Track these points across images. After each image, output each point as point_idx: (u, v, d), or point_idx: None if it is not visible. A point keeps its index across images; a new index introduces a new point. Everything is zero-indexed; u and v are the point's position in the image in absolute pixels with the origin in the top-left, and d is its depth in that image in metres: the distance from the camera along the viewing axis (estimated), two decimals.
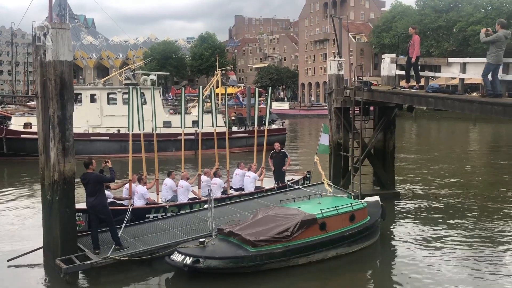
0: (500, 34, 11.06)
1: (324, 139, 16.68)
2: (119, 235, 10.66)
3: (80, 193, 12.54)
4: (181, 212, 13.26)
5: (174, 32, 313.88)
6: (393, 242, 12.57)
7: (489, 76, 11.41)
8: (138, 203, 13.01)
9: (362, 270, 10.95)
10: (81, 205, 11.94)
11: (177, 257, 9.82)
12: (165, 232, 11.57)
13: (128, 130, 12.98)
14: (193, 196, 14.16)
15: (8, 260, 10.83)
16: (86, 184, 10.47)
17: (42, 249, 10.96)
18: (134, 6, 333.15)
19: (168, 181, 14.08)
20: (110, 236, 10.59)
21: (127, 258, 10.10)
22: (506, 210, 15.69)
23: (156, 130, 14.04)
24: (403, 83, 15.78)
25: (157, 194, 13.97)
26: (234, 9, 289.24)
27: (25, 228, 13.98)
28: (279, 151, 16.57)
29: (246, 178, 15.42)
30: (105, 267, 10.02)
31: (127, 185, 12.93)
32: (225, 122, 17.92)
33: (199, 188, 14.42)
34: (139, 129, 12.96)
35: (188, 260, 9.60)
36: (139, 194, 13.05)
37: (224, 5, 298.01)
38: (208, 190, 11.62)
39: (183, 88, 16.47)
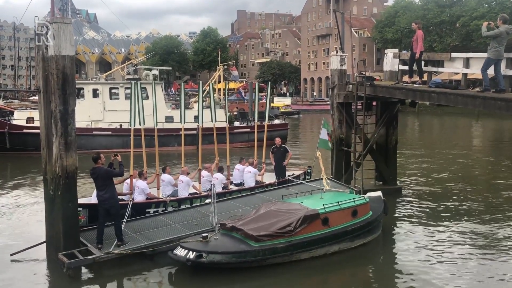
0: (502, 30, 11.06)
1: (324, 134, 16.67)
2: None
3: (80, 188, 12.55)
4: (182, 207, 13.28)
5: (179, 27, 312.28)
6: (395, 237, 12.57)
7: (492, 72, 11.40)
8: (139, 198, 13.04)
9: (364, 265, 10.96)
10: (81, 200, 11.95)
11: (180, 252, 9.83)
12: (167, 227, 11.59)
13: (130, 125, 13.00)
14: (194, 191, 14.18)
15: (11, 255, 10.85)
16: (95, 179, 10.49)
17: (44, 244, 10.99)
18: (140, 1, 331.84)
19: (165, 176, 14.08)
20: (114, 231, 10.59)
21: (130, 252, 10.14)
22: (509, 205, 15.66)
23: (157, 125, 14.04)
24: (405, 78, 15.73)
25: (158, 189, 14.00)
26: (239, 3, 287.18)
27: (28, 222, 14.01)
28: (280, 146, 16.55)
29: (246, 174, 15.41)
30: (107, 262, 10.05)
31: (127, 180, 12.93)
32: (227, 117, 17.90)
33: (200, 183, 14.44)
34: (140, 124, 12.98)
35: (191, 255, 9.61)
36: (140, 189, 13.07)
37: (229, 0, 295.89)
38: (211, 185, 11.61)
39: (182, 83, 16.50)
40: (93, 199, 12.51)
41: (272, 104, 69.47)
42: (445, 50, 64.16)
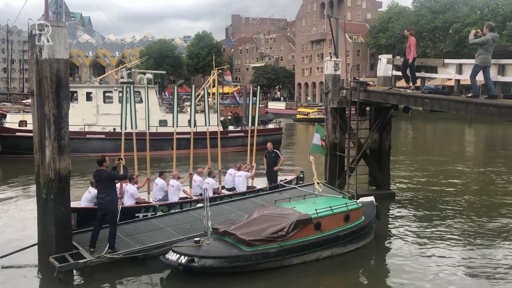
0: (489, 37, 11.27)
1: (317, 139, 16.73)
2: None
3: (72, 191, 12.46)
4: (171, 211, 13.24)
5: (179, 31, 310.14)
6: (387, 243, 12.59)
7: (482, 79, 11.55)
8: (128, 202, 13.00)
9: (356, 270, 10.97)
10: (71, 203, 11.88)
11: (172, 256, 9.81)
12: (160, 231, 11.56)
13: (121, 129, 12.97)
14: (184, 195, 14.14)
15: (1, 257, 10.78)
16: (98, 181, 10.47)
17: (35, 247, 10.90)
18: (140, 5, 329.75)
19: (159, 181, 14.06)
20: (108, 235, 10.50)
21: (122, 256, 10.09)
22: (500, 211, 15.75)
23: (149, 129, 14.03)
24: (399, 83, 15.82)
25: (148, 193, 13.94)
26: (240, 8, 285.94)
27: (19, 226, 13.90)
28: (272, 150, 16.57)
29: (237, 178, 15.42)
30: (99, 266, 10.00)
31: (118, 184, 12.88)
32: (220, 121, 17.91)
33: (191, 187, 14.41)
34: (132, 128, 12.96)
35: (183, 259, 9.59)
36: (129, 194, 13.04)
37: (230, 4, 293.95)
38: (204, 189, 11.59)
39: (175, 87, 16.49)
40: (82, 202, 12.47)
41: (302, 110, 69.69)
42: (439, 56, 64.49)
